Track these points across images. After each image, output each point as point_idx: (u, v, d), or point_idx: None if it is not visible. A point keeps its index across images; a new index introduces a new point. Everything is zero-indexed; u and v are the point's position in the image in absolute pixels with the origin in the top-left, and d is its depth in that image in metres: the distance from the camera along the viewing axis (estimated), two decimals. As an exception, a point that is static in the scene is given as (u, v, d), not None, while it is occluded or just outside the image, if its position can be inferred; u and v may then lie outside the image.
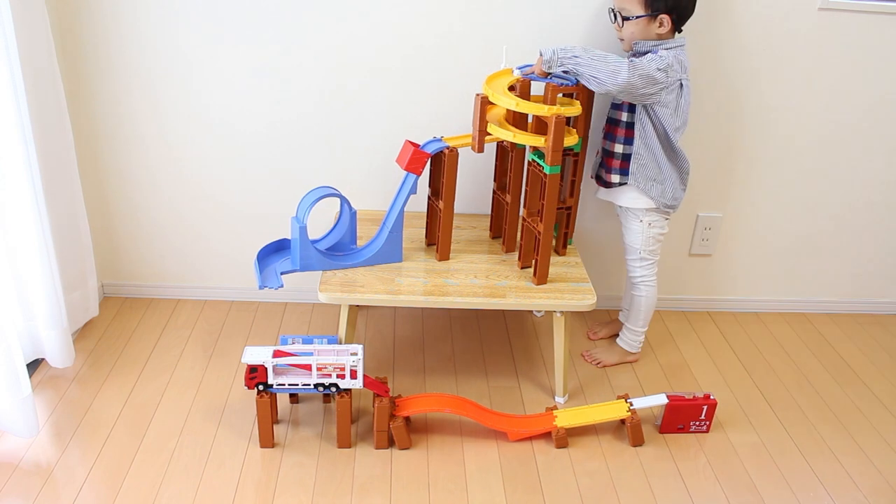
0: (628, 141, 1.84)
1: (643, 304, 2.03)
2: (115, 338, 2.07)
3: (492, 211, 2.03)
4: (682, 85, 1.77)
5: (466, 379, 1.99)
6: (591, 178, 2.02)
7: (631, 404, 1.81)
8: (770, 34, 1.98)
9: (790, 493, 1.69)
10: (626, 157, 1.86)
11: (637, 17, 1.75)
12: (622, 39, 1.82)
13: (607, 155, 1.91)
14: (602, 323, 2.24)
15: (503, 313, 2.29)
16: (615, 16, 1.79)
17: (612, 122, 1.88)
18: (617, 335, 2.13)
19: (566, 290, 1.80)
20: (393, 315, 2.25)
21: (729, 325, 2.32)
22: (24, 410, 1.62)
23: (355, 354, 1.63)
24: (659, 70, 1.70)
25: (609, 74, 1.67)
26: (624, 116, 1.84)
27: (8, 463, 1.62)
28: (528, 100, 1.74)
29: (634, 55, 1.77)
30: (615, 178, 1.90)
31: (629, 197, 1.91)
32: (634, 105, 1.80)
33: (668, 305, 2.38)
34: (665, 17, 1.74)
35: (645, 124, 1.80)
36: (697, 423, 1.84)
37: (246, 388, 1.65)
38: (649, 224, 1.93)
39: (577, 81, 1.73)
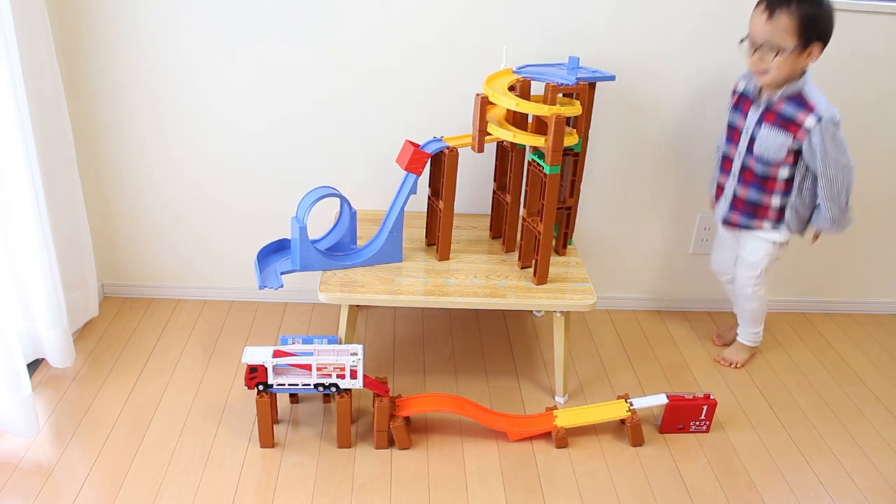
0: (787, 193, 1.82)
1: (757, 312, 2.05)
2: (115, 338, 2.07)
3: (492, 211, 2.03)
4: None
5: (466, 379, 1.99)
6: (717, 220, 1.99)
7: (631, 404, 1.81)
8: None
9: (790, 493, 1.69)
10: (782, 209, 1.85)
11: (791, 51, 1.65)
12: (762, 73, 1.72)
13: (756, 205, 1.87)
14: (728, 327, 2.22)
15: (503, 313, 2.29)
16: (755, 48, 1.69)
17: (763, 177, 1.83)
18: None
19: (566, 290, 1.80)
20: (393, 315, 2.25)
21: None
22: (24, 410, 1.62)
23: (355, 354, 1.63)
24: (840, 137, 1.70)
25: (849, 177, 1.72)
26: (784, 172, 1.80)
27: (8, 463, 1.62)
28: (528, 100, 1.74)
29: (772, 97, 1.74)
30: (767, 226, 1.89)
31: (770, 234, 1.91)
32: (797, 160, 1.77)
33: (668, 305, 2.38)
34: (817, 47, 1.65)
35: (805, 176, 1.78)
36: (697, 423, 1.84)
37: (246, 388, 1.65)
38: (780, 246, 1.93)
39: (577, 81, 1.74)
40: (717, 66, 2.02)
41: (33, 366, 1.91)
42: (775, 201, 1.85)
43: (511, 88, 1.76)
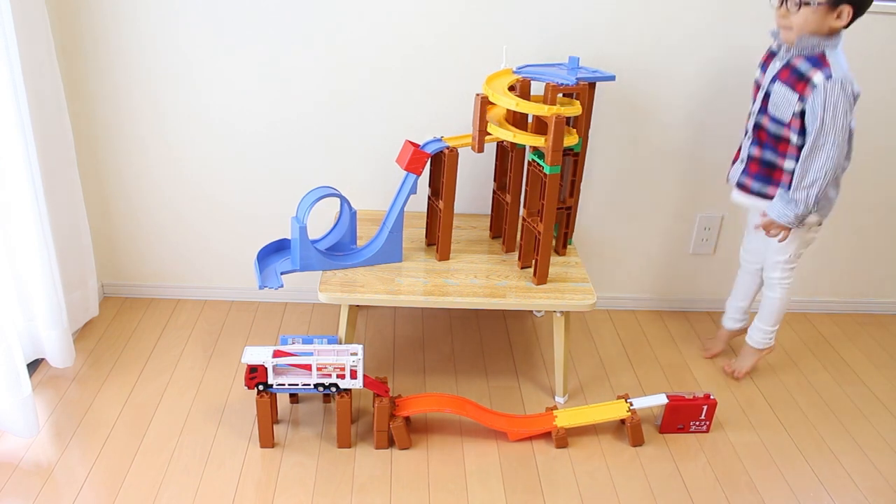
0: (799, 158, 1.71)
1: (777, 306, 1.95)
2: (115, 338, 2.07)
3: (492, 211, 2.03)
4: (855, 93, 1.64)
5: (466, 379, 1.99)
6: (731, 183, 1.89)
7: (631, 404, 1.81)
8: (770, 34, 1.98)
9: (790, 492, 1.69)
10: (793, 173, 1.73)
11: (818, 4, 1.57)
12: (787, 28, 1.64)
13: (769, 166, 1.77)
14: (710, 339, 2.19)
15: (503, 313, 2.29)
16: (784, 1, 1.62)
17: (775, 138, 1.74)
18: (729, 343, 2.10)
19: (566, 290, 1.80)
20: (393, 315, 2.25)
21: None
22: (24, 410, 1.62)
23: (355, 354, 1.63)
24: (849, 112, 1.60)
25: (834, 165, 1.62)
26: (794, 138, 1.70)
27: (8, 463, 1.62)
28: (528, 100, 1.74)
29: (794, 50, 1.64)
30: (781, 194, 1.77)
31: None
32: (805, 128, 1.67)
33: (668, 305, 2.38)
34: (847, 9, 1.57)
35: None
36: (697, 423, 1.84)
37: (246, 388, 1.65)
38: (809, 228, 1.84)
39: (577, 81, 1.74)
40: (718, 66, 2.02)
41: (33, 366, 1.91)
42: (789, 164, 1.74)
43: (511, 88, 1.76)
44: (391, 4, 1.91)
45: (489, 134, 1.76)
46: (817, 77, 1.62)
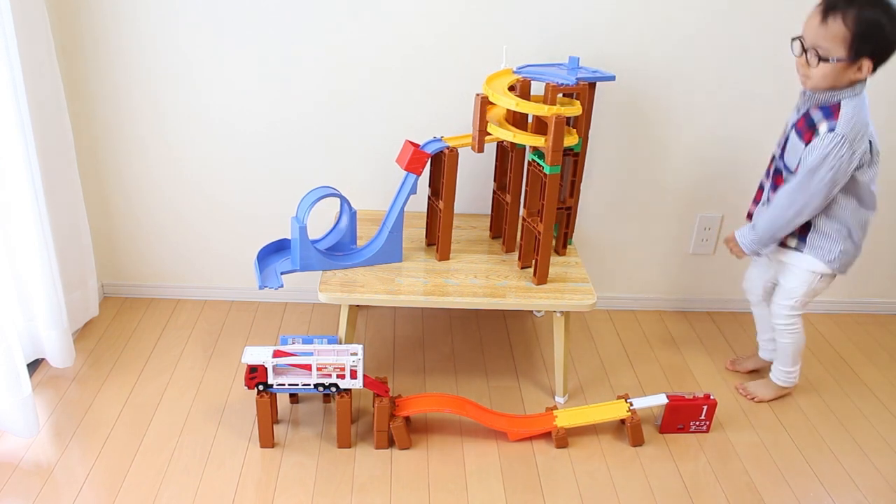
0: None
1: (790, 350, 1.89)
2: (115, 338, 2.07)
3: (492, 211, 2.03)
4: (870, 142, 1.61)
5: (466, 379, 1.99)
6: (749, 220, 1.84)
7: (631, 404, 1.81)
8: (770, 34, 1.98)
9: (790, 493, 1.69)
10: (807, 224, 1.71)
11: (837, 61, 1.54)
12: (806, 77, 1.61)
13: None
14: (748, 357, 2.10)
15: (503, 313, 2.29)
16: (804, 50, 1.58)
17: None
18: (758, 369, 2.04)
19: (566, 290, 1.80)
20: (393, 315, 2.25)
21: (729, 325, 2.32)
22: (24, 410, 1.62)
23: (355, 354, 1.63)
24: (841, 168, 1.56)
25: (798, 211, 1.61)
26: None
27: (8, 463, 1.62)
28: (528, 100, 1.74)
29: (815, 103, 1.63)
30: (792, 242, 1.75)
31: (806, 260, 1.75)
32: None
33: (668, 305, 2.38)
34: (867, 63, 1.54)
35: (837, 197, 1.65)
36: (697, 423, 1.84)
37: (246, 388, 1.65)
38: (820, 277, 1.77)
39: (577, 81, 1.74)
40: (718, 66, 2.02)
41: (33, 366, 1.91)
42: None
43: (511, 88, 1.76)
44: (391, 4, 1.91)
45: (489, 134, 1.76)
46: (822, 128, 1.61)
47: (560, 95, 1.74)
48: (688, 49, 1.99)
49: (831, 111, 1.61)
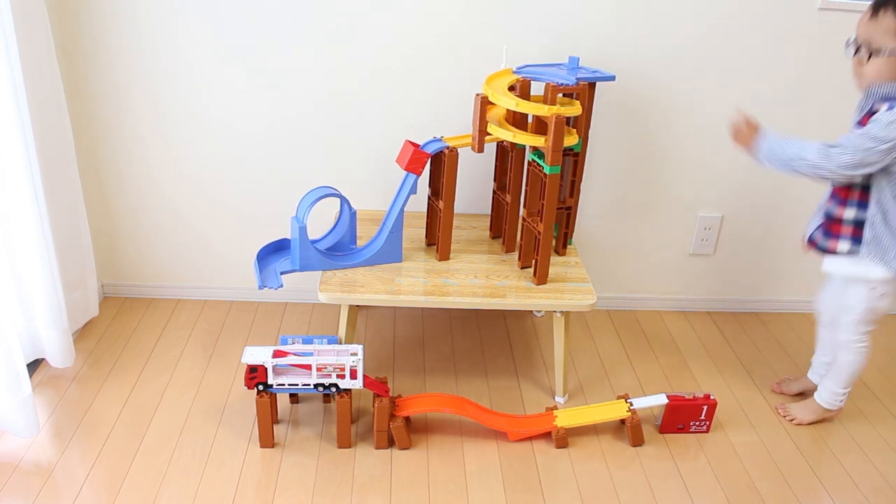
0: (862, 205, 1.61)
1: (848, 369, 1.81)
2: (115, 338, 2.07)
3: (492, 211, 2.03)
4: None
5: (466, 379, 1.99)
6: (805, 242, 1.75)
7: (631, 404, 1.81)
8: (770, 34, 1.98)
9: (790, 493, 1.69)
10: (859, 224, 1.63)
11: (888, 53, 1.50)
12: (859, 77, 1.58)
13: (831, 220, 1.66)
14: (795, 378, 2.03)
15: (503, 313, 2.29)
16: (857, 49, 1.55)
17: (843, 185, 1.63)
18: (804, 392, 1.97)
19: (566, 290, 1.80)
20: (393, 315, 2.25)
21: (729, 324, 2.32)
22: (24, 410, 1.62)
23: (355, 354, 1.63)
24: (880, 138, 1.49)
25: (845, 163, 1.51)
26: (858, 178, 1.58)
27: (8, 463, 1.62)
28: (528, 100, 1.74)
29: (870, 100, 1.56)
30: (843, 247, 1.66)
31: (861, 266, 1.66)
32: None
33: (668, 305, 2.38)
34: None
35: (882, 188, 1.57)
36: (697, 423, 1.84)
37: (246, 388, 1.65)
38: (881, 295, 1.69)
39: (577, 81, 1.74)
40: (718, 66, 2.02)
41: (33, 366, 1.91)
42: (849, 213, 1.63)
43: (511, 88, 1.76)
44: (391, 4, 1.91)
45: (489, 134, 1.76)
46: (883, 107, 1.54)
47: (560, 95, 1.74)
48: (688, 49, 1.99)
49: (893, 99, 1.54)
